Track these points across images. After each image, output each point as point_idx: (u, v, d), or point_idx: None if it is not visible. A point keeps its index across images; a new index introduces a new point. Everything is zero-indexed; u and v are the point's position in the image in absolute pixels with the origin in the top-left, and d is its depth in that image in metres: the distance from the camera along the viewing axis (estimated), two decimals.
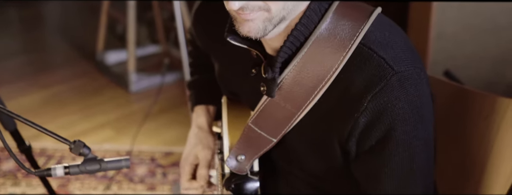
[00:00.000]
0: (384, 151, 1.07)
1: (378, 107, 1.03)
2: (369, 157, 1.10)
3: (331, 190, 1.26)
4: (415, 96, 1.05)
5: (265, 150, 1.19)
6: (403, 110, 1.04)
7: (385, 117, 1.04)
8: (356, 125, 1.06)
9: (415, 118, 1.06)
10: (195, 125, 1.45)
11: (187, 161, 1.40)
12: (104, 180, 2.87)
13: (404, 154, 1.07)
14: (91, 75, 4.09)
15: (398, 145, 1.06)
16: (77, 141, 1.29)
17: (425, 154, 1.11)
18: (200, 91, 1.49)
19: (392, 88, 1.03)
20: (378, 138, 1.06)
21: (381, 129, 1.05)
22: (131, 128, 3.32)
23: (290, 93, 1.10)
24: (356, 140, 1.08)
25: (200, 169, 1.38)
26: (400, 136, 1.05)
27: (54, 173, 1.28)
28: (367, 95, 1.03)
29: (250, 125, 1.17)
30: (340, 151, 1.12)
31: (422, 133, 1.09)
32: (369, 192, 1.14)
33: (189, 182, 1.39)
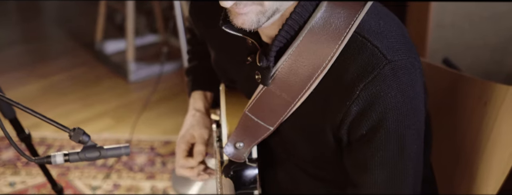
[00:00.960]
0: (375, 139, 1.07)
1: (370, 96, 1.03)
2: (360, 146, 1.09)
3: (328, 178, 1.27)
4: (408, 86, 1.04)
5: (263, 138, 1.19)
6: (395, 99, 1.03)
7: (377, 106, 1.04)
8: (348, 113, 1.06)
9: (407, 108, 1.05)
10: (192, 108, 1.45)
11: (183, 139, 1.39)
12: (103, 169, 2.88)
13: (395, 143, 1.07)
14: (90, 64, 4.08)
15: (389, 134, 1.06)
16: (77, 128, 1.28)
17: (416, 144, 1.11)
18: (198, 77, 1.49)
19: (385, 77, 1.02)
20: (369, 126, 1.06)
21: (373, 118, 1.05)
22: (130, 117, 3.33)
23: (286, 82, 1.10)
24: (347, 128, 1.08)
25: (197, 146, 1.37)
26: (391, 125, 1.05)
27: (54, 161, 1.28)
28: (359, 83, 1.03)
29: (247, 113, 1.17)
30: (334, 139, 1.13)
31: (414, 123, 1.08)
32: (359, 182, 1.14)
33: (185, 159, 1.37)
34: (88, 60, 4.14)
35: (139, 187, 2.73)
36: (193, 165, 1.37)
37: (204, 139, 1.38)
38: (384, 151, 1.07)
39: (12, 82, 3.72)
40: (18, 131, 1.86)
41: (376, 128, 1.06)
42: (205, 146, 1.37)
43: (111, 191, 2.70)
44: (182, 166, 1.38)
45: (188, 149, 1.39)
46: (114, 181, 2.78)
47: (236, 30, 1.10)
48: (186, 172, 1.38)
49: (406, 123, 1.06)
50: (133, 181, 2.78)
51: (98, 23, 4.04)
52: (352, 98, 1.04)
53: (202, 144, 1.37)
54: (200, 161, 1.37)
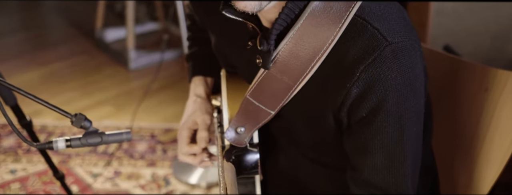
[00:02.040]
0: (374, 122, 1.07)
1: (370, 78, 1.03)
2: (360, 128, 1.09)
3: (329, 163, 1.27)
4: (408, 68, 1.04)
5: (264, 122, 1.19)
6: (395, 81, 1.03)
7: (377, 88, 1.03)
8: (348, 96, 1.06)
9: (407, 90, 1.05)
10: (193, 94, 1.45)
11: (185, 126, 1.39)
12: (104, 156, 2.88)
13: (395, 125, 1.07)
14: (90, 52, 4.08)
15: (389, 116, 1.06)
16: (78, 114, 1.28)
17: (416, 127, 1.11)
18: (199, 63, 1.49)
19: (385, 59, 1.02)
20: (369, 108, 1.06)
21: (373, 100, 1.05)
22: (130, 105, 3.33)
23: (287, 66, 1.10)
24: (347, 110, 1.08)
25: (200, 132, 1.36)
26: (391, 108, 1.05)
27: (56, 146, 1.27)
28: (360, 65, 1.03)
29: (248, 97, 1.17)
30: (334, 122, 1.13)
31: (414, 105, 1.08)
32: (358, 165, 1.14)
33: (188, 146, 1.37)
34: (88, 48, 4.14)
35: (140, 174, 2.74)
36: (196, 152, 1.37)
37: (207, 125, 1.38)
38: (383, 134, 1.07)
39: (12, 70, 3.72)
40: (19, 118, 1.87)
41: (376, 110, 1.05)
42: (207, 132, 1.37)
43: (112, 178, 2.71)
44: (185, 153, 1.38)
45: (191, 136, 1.39)
46: (115, 168, 2.79)
47: (237, 14, 1.10)
48: (189, 159, 1.38)
49: (406, 105, 1.06)
50: (134, 169, 2.78)
51: (98, 11, 4.03)
52: (352, 80, 1.04)
53: (204, 130, 1.37)
54: (203, 148, 1.37)
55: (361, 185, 1.14)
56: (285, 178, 1.36)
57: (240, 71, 1.28)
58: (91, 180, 2.69)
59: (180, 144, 1.39)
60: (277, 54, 1.09)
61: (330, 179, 1.29)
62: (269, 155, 1.35)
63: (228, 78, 1.30)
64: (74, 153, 2.90)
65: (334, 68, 1.06)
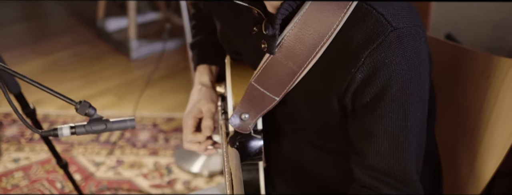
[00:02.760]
0: (379, 107, 1.07)
1: (375, 63, 1.03)
2: (364, 113, 1.10)
3: (333, 150, 1.27)
4: (413, 53, 1.04)
5: (268, 109, 1.20)
6: (400, 67, 1.04)
7: (382, 73, 1.04)
8: (353, 81, 1.06)
9: (411, 75, 1.05)
10: (198, 83, 1.45)
11: (190, 114, 1.39)
12: (106, 145, 2.89)
13: (399, 111, 1.07)
14: (91, 42, 4.09)
15: (393, 102, 1.06)
16: (83, 101, 1.29)
17: (420, 112, 1.11)
18: (203, 51, 1.49)
19: (390, 44, 1.02)
20: (374, 94, 1.06)
21: (377, 85, 1.05)
22: (132, 95, 3.34)
23: (292, 51, 1.11)
24: (352, 95, 1.08)
25: (205, 120, 1.37)
26: (396, 93, 1.05)
27: (61, 133, 1.28)
28: (364, 50, 1.03)
29: (253, 83, 1.18)
30: (339, 108, 1.13)
31: (418, 91, 1.08)
32: (362, 150, 1.14)
33: (193, 134, 1.38)
34: (90, 38, 4.14)
35: (142, 163, 2.75)
36: (201, 140, 1.38)
37: (212, 114, 1.38)
38: (387, 119, 1.08)
39: (14, 59, 3.73)
40: (23, 106, 1.87)
41: (380, 96, 1.06)
42: (212, 120, 1.37)
43: (114, 167, 2.72)
44: (190, 141, 1.39)
45: (196, 124, 1.40)
46: (118, 157, 2.80)
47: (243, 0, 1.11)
48: (194, 147, 1.39)
49: (410, 90, 1.06)
50: (136, 157, 2.80)
51: (100, 0, 4.03)
52: (357, 65, 1.04)
53: (210, 119, 1.37)
54: (207, 136, 1.38)
55: (365, 170, 1.15)
56: (289, 165, 1.36)
57: (245, 57, 1.28)
58: (94, 168, 2.71)
59: (185, 132, 1.40)
60: (282, 39, 1.10)
61: (334, 166, 1.30)
62: (272, 141, 1.35)
63: (232, 65, 1.30)
64: (77, 142, 2.91)
65: (339, 54, 1.07)
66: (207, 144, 1.38)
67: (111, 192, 2.54)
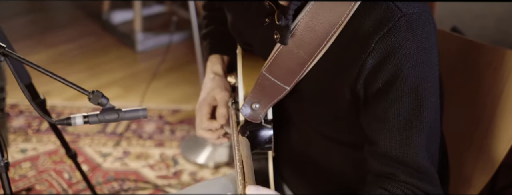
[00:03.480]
0: (391, 92, 1.08)
1: (385, 48, 1.05)
2: (377, 99, 1.10)
3: (342, 140, 1.29)
4: (422, 38, 1.06)
5: (279, 98, 1.22)
6: (410, 51, 1.05)
7: (393, 58, 1.05)
8: (364, 67, 1.07)
9: (422, 60, 1.07)
10: (210, 72, 1.46)
11: (205, 102, 1.41)
12: (113, 136, 2.92)
13: (411, 95, 1.08)
14: (97, 34, 4.11)
15: (405, 86, 1.07)
16: (95, 91, 1.31)
17: (433, 98, 1.12)
18: (215, 41, 1.51)
19: (400, 29, 1.04)
20: (385, 79, 1.07)
21: (389, 70, 1.06)
22: (138, 87, 3.36)
23: (303, 40, 1.12)
24: (364, 82, 1.09)
25: (220, 108, 1.38)
26: (407, 77, 1.06)
27: (74, 122, 1.30)
28: (374, 36, 1.05)
29: (264, 73, 1.19)
30: (351, 97, 1.14)
31: (430, 75, 1.10)
32: (376, 138, 1.15)
33: (209, 121, 1.39)
34: (95, 30, 4.16)
35: (149, 154, 2.78)
36: (216, 127, 1.39)
37: (226, 102, 1.39)
38: (400, 103, 1.09)
39: (20, 52, 3.68)
40: (33, 96, 1.89)
41: (392, 80, 1.07)
42: (227, 109, 1.39)
43: (121, 158, 2.74)
44: (204, 128, 1.40)
45: (210, 112, 1.41)
46: (124, 148, 2.83)
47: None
48: (207, 134, 1.41)
49: (422, 74, 1.07)
50: (142, 148, 2.82)
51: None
52: (367, 51, 1.06)
53: (224, 107, 1.39)
54: (221, 124, 1.39)
55: (379, 158, 1.16)
56: (298, 154, 1.38)
57: (256, 48, 1.30)
58: (101, 159, 2.73)
59: (199, 119, 1.41)
60: (293, 29, 1.12)
61: (342, 156, 1.31)
62: (282, 131, 1.37)
63: (243, 56, 1.32)
64: (83, 133, 2.93)
65: (350, 41, 1.08)
66: (220, 133, 1.40)
67: (118, 182, 2.57)
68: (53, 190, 2.52)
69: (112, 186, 2.54)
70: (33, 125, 3.01)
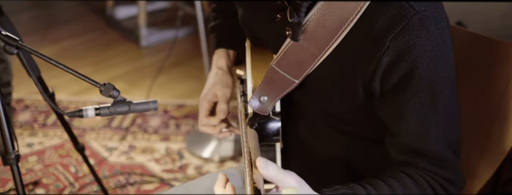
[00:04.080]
0: (407, 88, 1.11)
1: (400, 46, 1.07)
2: (394, 96, 1.13)
3: (350, 131, 1.31)
4: (436, 34, 1.08)
5: (287, 91, 1.24)
6: (424, 48, 1.07)
7: (407, 55, 1.07)
8: (379, 65, 1.09)
9: (436, 55, 1.09)
10: (215, 66, 1.49)
11: (205, 98, 1.45)
12: (118, 130, 2.94)
13: (427, 90, 1.11)
14: (101, 30, 4.12)
15: (420, 82, 1.10)
16: (107, 83, 1.32)
17: (448, 90, 1.14)
18: (222, 35, 1.53)
19: (413, 26, 1.06)
20: (401, 76, 1.10)
21: (404, 67, 1.09)
22: (142, 81, 3.38)
23: (313, 35, 1.14)
24: (380, 79, 1.12)
25: (220, 104, 1.42)
26: (422, 73, 1.09)
27: (86, 114, 1.31)
28: (389, 34, 1.07)
29: (274, 66, 1.21)
30: (363, 92, 1.16)
31: (445, 70, 1.12)
32: (395, 131, 1.18)
33: (207, 118, 1.43)
34: (100, 26, 4.18)
35: (154, 148, 2.79)
36: (215, 124, 1.43)
37: (227, 98, 1.43)
38: (416, 98, 1.11)
39: None
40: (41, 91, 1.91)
41: (407, 77, 1.09)
42: (227, 104, 1.42)
43: (127, 152, 2.76)
44: (204, 124, 1.44)
45: (210, 108, 1.45)
46: (130, 142, 2.84)
47: None
48: (208, 130, 1.44)
49: (437, 70, 1.10)
50: (148, 143, 2.84)
51: None
52: (382, 50, 1.08)
53: (224, 103, 1.42)
54: (221, 119, 1.42)
55: (400, 149, 1.19)
56: (305, 147, 1.40)
57: (266, 42, 1.32)
58: (107, 153, 2.75)
59: (200, 115, 1.45)
60: (305, 25, 1.14)
61: (351, 148, 1.34)
62: (290, 124, 1.39)
63: (252, 49, 1.34)
64: (89, 128, 2.95)
65: (363, 39, 1.10)
66: (221, 127, 1.43)
67: (124, 176, 2.58)
68: (59, 184, 2.54)
69: (118, 180, 2.56)
70: (39, 120, 3.02)
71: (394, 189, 1.13)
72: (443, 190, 1.17)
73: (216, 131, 1.44)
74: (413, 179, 1.15)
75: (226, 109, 1.41)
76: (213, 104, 1.45)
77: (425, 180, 1.15)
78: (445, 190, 1.17)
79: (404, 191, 1.14)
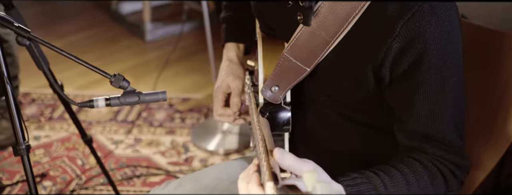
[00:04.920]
0: (417, 74, 1.13)
1: (410, 32, 1.09)
2: (403, 82, 1.15)
3: (358, 120, 1.33)
4: (445, 21, 1.10)
5: (299, 80, 1.26)
6: (434, 35, 1.10)
7: (417, 42, 1.10)
8: (389, 51, 1.12)
9: (446, 42, 1.11)
10: (226, 59, 1.53)
11: (220, 90, 1.49)
12: (124, 124, 2.96)
13: (436, 76, 1.13)
14: (106, 24, 4.15)
15: (430, 68, 1.12)
16: (117, 74, 1.35)
17: (457, 77, 1.17)
18: (232, 28, 1.56)
19: (424, 13, 1.08)
20: (410, 62, 1.12)
21: (414, 53, 1.11)
22: (147, 76, 3.40)
23: (325, 21, 1.17)
24: (389, 65, 1.14)
25: (233, 97, 1.46)
26: (432, 59, 1.11)
27: (96, 104, 1.34)
28: (399, 21, 1.09)
29: (285, 54, 1.24)
30: (373, 79, 1.19)
31: (454, 56, 1.14)
32: (404, 117, 1.20)
33: (223, 108, 1.48)
34: (104, 20, 4.20)
35: (160, 141, 2.82)
36: (230, 114, 1.48)
37: (239, 90, 1.47)
38: (426, 85, 1.14)
39: None
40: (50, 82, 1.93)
41: (417, 63, 1.12)
42: (240, 97, 1.47)
43: (133, 145, 2.79)
44: (220, 115, 1.49)
45: (225, 99, 1.49)
46: (135, 135, 2.87)
47: None
48: (223, 119, 1.50)
49: (446, 56, 1.12)
50: (153, 136, 2.86)
51: None
52: (392, 36, 1.10)
53: (237, 96, 1.47)
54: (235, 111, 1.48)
55: (408, 135, 1.21)
56: (314, 136, 1.42)
57: (278, 30, 1.34)
58: (113, 146, 2.77)
59: (215, 106, 1.50)
60: (316, 10, 1.16)
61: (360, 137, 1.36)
62: (299, 113, 1.40)
63: (264, 40, 1.36)
64: (95, 121, 2.98)
65: (373, 25, 1.13)
66: (235, 117, 1.48)
67: (130, 169, 2.61)
68: (66, 176, 2.56)
69: (125, 172, 2.59)
70: (46, 113, 3.05)
71: (406, 175, 1.16)
72: (451, 174, 1.20)
73: (230, 120, 1.49)
74: (422, 165, 1.18)
75: (239, 102, 1.46)
76: (227, 95, 1.50)
77: (434, 165, 1.18)
78: (453, 174, 1.20)
79: (415, 176, 1.16)
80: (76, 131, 2.83)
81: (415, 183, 1.16)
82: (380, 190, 1.12)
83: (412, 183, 1.16)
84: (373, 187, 1.12)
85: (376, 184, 1.12)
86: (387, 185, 1.13)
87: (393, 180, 1.14)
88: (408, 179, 1.16)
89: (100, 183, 2.51)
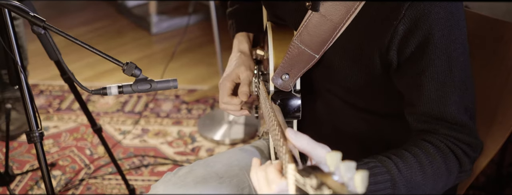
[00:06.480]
0: (424, 56, 1.16)
1: (415, 14, 1.12)
2: (411, 64, 1.18)
3: (366, 107, 1.36)
4: (449, 2, 1.13)
5: (308, 67, 1.29)
6: (439, 15, 1.12)
7: (423, 23, 1.13)
8: (395, 33, 1.15)
9: (451, 23, 1.14)
10: (237, 50, 1.54)
11: (229, 78, 1.49)
12: (131, 115, 3.00)
13: (443, 57, 1.16)
14: (112, 17, 4.18)
15: (436, 49, 1.15)
16: (129, 62, 1.38)
17: (463, 58, 1.19)
18: (241, 20, 1.58)
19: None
20: (417, 43, 1.15)
21: (420, 35, 1.14)
22: (153, 68, 3.44)
23: (333, 6, 1.20)
24: (396, 48, 1.17)
25: (243, 86, 1.46)
26: (438, 40, 1.14)
27: (110, 92, 1.38)
28: (404, 3, 1.12)
29: (295, 41, 1.27)
30: (380, 64, 1.21)
31: (459, 37, 1.17)
32: (414, 100, 1.22)
33: (230, 97, 1.48)
34: (110, 13, 4.23)
35: (167, 131, 2.86)
36: (236, 104, 1.48)
37: (249, 81, 1.47)
38: (433, 66, 1.16)
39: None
40: (62, 72, 1.97)
41: (423, 45, 1.15)
42: (249, 87, 1.46)
43: (140, 135, 2.83)
44: (226, 103, 1.49)
45: (233, 88, 1.49)
46: (143, 126, 2.91)
47: None
48: (229, 108, 1.50)
49: (452, 37, 1.15)
50: (160, 126, 2.90)
51: None
52: (398, 18, 1.13)
53: (247, 86, 1.46)
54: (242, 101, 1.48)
55: (419, 118, 1.23)
56: (322, 123, 1.44)
57: (288, 18, 1.37)
58: (120, 136, 2.81)
59: (222, 94, 1.49)
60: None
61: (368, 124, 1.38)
62: (307, 101, 1.43)
63: (273, 29, 1.39)
64: (103, 112, 3.02)
65: (379, 9, 1.16)
66: (241, 106, 1.49)
67: (138, 158, 2.65)
68: (75, 166, 2.60)
69: (133, 162, 2.63)
70: (54, 104, 3.09)
71: (418, 157, 1.18)
72: (463, 153, 1.21)
73: (236, 109, 1.50)
74: (435, 146, 1.20)
75: (248, 91, 1.45)
76: (235, 84, 1.50)
77: (446, 146, 1.20)
78: (465, 153, 1.22)
79: (428, 158, 1.18)
80: (84, 121, 2.89)
81: (428, 165, 1.18)
82: (394, 173, 1.13)
83: (425, 164, 1.17)
84: (387, 170, 1.13)
85: (389, 167, 1.14)
86: (401, 168, 1.14)
87: (406, 163, 1.16)
88: (421, 160, 1.17)
89: (108, 172, 2.55)
